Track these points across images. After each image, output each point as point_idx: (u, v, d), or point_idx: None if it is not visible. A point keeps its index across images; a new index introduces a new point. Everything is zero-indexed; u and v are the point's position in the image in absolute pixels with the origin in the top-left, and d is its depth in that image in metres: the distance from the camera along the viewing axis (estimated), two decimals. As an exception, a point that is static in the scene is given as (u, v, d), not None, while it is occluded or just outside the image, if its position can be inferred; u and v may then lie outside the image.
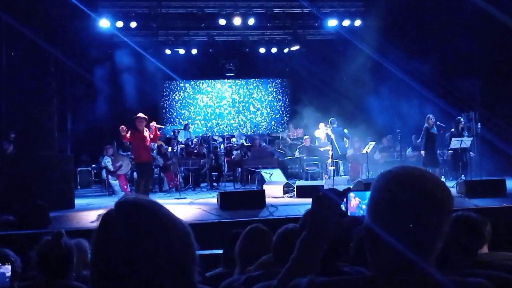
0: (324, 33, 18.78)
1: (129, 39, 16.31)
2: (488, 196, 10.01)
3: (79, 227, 8.35)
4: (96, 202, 12.35)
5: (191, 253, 1.43)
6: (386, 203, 1.45)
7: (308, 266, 1.66)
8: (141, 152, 11.13)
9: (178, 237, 1.41)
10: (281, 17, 17.70)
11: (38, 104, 11.02)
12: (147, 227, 1.37)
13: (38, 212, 8.46)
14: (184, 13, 16.96)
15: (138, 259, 1.33)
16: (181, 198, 12.16)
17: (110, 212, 1.42)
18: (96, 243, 1.40)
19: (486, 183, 10.83)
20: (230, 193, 10.81)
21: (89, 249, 4.10)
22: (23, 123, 11.14)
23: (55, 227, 8.16)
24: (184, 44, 18.24)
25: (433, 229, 1.42)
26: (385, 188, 1.46)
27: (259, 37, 18.93)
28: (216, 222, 8.65)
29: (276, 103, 22.05)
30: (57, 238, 3.17)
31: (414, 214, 1.40)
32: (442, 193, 1.44)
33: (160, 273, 1.35)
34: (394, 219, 1.42)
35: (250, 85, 21.87)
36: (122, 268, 1.33)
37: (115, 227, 1.38)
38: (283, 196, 11.77)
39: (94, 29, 15.80)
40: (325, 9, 16.68)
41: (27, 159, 10.60)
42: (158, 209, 1.44)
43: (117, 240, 1.35)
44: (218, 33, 18.29)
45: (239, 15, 16.49)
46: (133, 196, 1.46)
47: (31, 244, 3.29)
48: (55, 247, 3.15)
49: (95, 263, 1.40)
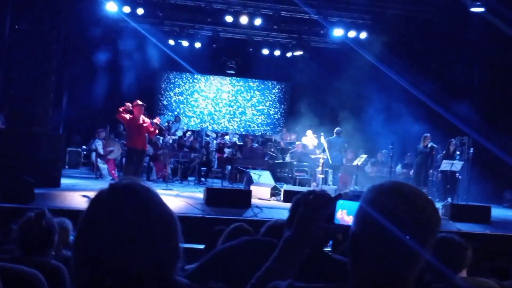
0: (328, 42, 18.80)
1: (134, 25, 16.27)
2: (472, 222, 10.08)
3: (62, 206, 8.33)
4: (83, 183, 12.31)
5: (174, 247, 1.43)
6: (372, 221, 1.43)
7: (288, 267, 1.65)
8: (134, 138, 11.11)
9: (164, 229, 1.40)
10: (288, 21, 17.70)
11: (36, 79, 10.99)
12: (135, 213, 1.37)
13: (23, 187, 8.44)
14: (191, 6, 16.93)
15: (119, 244, 1.33)
16: (167, 189, 12.15)
17: (102, 192, 1.42)
18: (83, 220, 1.39)
19: (472, 208, 10.90)
20: (217, 190, 10.82)
21: (71, 229, 4.12)
22: (19, 97, 11.10)
23: (38, 203, 8.14)
24: (189, 36, 18.21)
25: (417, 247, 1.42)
26: (375, 201, 1.45)
27: (264, 38, 18.93)
28: (200, 217, 8.66)
29: (273, 105, 22.06)
30: (40, 216, 3.17)
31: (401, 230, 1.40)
32: (431, 212, 1.43)
33: (139, 261, 1.34)
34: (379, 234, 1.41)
35: (249, 85, 21.87)
36: (102, 251, 1.33)
37: (103, 208, 1.38)
38: (269, 198, 11.77)
39: (100, 11, 15.75)
40: (333, 18, 16.69)
41: (18, 133, 10.56)
42: (150, 197, 1.43)
43: (102, 221, 1.35)
44: (223, 29, 18.28)
45: (247, 14, 16.48)
46: (129, 180, 1.45)
47: (12, 218, 3.29)
48: (36, 225, 3.14)
49: (79, 240, 1.39)
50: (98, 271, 1.33)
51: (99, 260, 1.33)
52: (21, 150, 10.16)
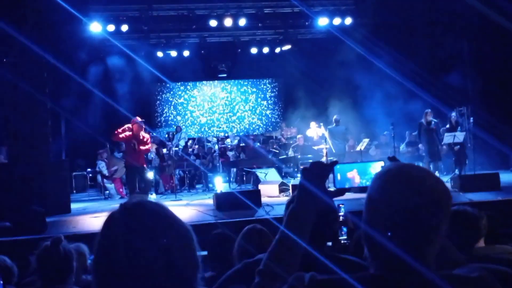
0: (315, 32, 18.78)
1: (121, 42, 16.24)
2: (482, 190, 10.08)
3: (76, 231, 8.34)
4: (92, 206, 12.35)
5: (192, 258, 1.44)
6: (384, 203, 1.45)
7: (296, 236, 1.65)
8: (135, 156, 11.09)
9: (180, 242, 1.41)
10: (271, 17, 17.69)
11: (31, 110, 10.99)
12: (148, 230, 1.38)
13: (35, 218, 8.45)
14: (175, 16, 16.95)
15: (138, 262, 1.34)
16: (177, 199, 12.17)
17: (114, 213, 1.43)
18: (99, 243, 1.40)
19: (480, 177, 10.90)
20: (226, 194, 10.82)
21: (88, 253, 4.13)
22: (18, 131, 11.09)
23: (52, 232, 8.16)
24: (176, 46, 18.20)
25: (432, 230, 1.42)
26: (383, 188, 1.46)
27: (251, 38, 18.93)
28: (213, 223, 8.66)
29: (269, 103, 22.05)
30: (56, 243, 3.18)
31: (412, 215, 1.40)
32: (441, 193, 1.43)
33: (160, 277, 1.35)
34: (392, 219, 1.42)
35: (242, 86, 21.87)
36: (123, 271, 1.34)
37: (117, 229, 1.38)
38: (278, 195, 11.79)
39: (85, 33, 15.75)
40: (316, 8, 16.69)
41: (22, 165, 10.56)
42: (162, 213, 1.44)
43: (119, 242, 1.36)
44: (210, 34, 18.27)
45: (230, 16, 16.49)
46: (138, 198, 1.46)
47: (28, 250, 3.30)
48: (54, 253, 3.15)
49: (97, 264, 1.40)
50: None
51: (120, 281, 1.34)
52: (27, 182, 10.16)
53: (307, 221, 1.67)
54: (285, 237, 1.66)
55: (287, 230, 1.66)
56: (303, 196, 1.69)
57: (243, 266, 2.84)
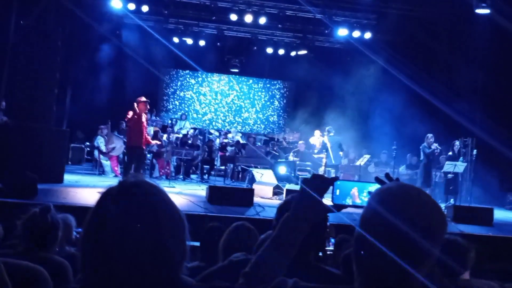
0: (333, 41, 18.81)
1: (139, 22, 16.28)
2: (475, 223, 10.06)
3: (65, 202, 8.32)
4: (85, 180, 12.35)
5: (181, 246, 1.43)
6: (379, 221, 1.43)
7: (286, 247, 1.64)
8: (134, 136, 11.02)
9: (172, 227, 1.41)
10: (292, 20, 17.70)
11: (40, 75, 10.99)
12: (143, 211, 1.37)
13: (26, 183, 8.44)
14: (196, 4, 16.95)
15: (128, 241, 1.33)
16: (170, 186, 12.16)
17: (111, 189, 1.42)
18: (91, 217, 1.40)
19: (474, 210, 10.87)
20: (220, 188, 10.81)
21: (74, 225, 4.12)
22: (23, 93, 11.10)
23: (41, 199, 8.14)
24: (193, 34, 18.21)
25: (423, 254, 1.41)
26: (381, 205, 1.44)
27: (268, 37, 18.93)
28: (202, 215, 8.65)
29: (276, 104, 22.07)
30: (45, 211, 3.17)
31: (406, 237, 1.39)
32: (437, 218, 1.42)
33: (147, 258, 1.34)
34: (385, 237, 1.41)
35: (252, 84, 21.87)
36: (111, 247, 1.33)
37: (112, 205, 1.37)
38: (271, 197, 11.77)
39: (105, 7, 15.74)
40: (337, 17, 16.69)
41: (22, 129, 10.56)
42: (158, 195, 1.43)
43: (111, 218, 1.35)
44: (228, 28, 18.29)
45: (251, 13, 16.49)
46: (138, 178, 1.45)
47: (14, 213, 3.29)
48: (41, 220, 3.14)
49: (86, 238, 1.39)
50: (106, 267, 1.34)
51: (108, 256, 1.33)
52: (25, 145, 10.17)
53: (300, 232, 1.66)
54: (275, 243, 1.65)
55: (278, 237, 1.65)
56: (300, 208, 1.68)
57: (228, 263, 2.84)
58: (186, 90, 21.41)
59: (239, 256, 2.95)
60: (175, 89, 21.36)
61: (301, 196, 1.70)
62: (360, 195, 1.77)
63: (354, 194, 1.76)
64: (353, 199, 1.75)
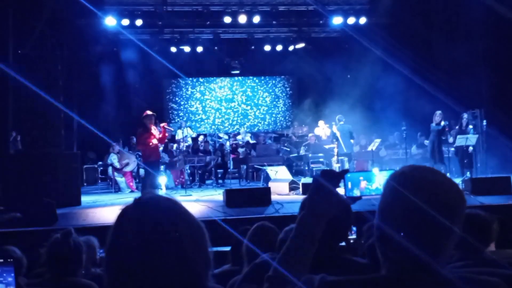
0: (329, 31, 18.76)
1: (135, 37, 16.30)
2: (494, 194, 10.01)
3: (86, 224, 8.37)
4: (103, 199, 12.40)
5: (204, 255, 1.44)
6: (398, 205, 1.44)
7: (306, 243, 1.64)
8: (149, 151, 10.99)
9: (193, 238, 1.41)
10: (286, 15, 17.68)
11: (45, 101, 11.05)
12: (161, 226, 1.38)
13: (45, 209, 8.49)
14: (189, 11, 16.98)
15: (151, 257, 1.34)
16: (186, 195, 12.19)
17: (127, 207, 1.43)
18: (112, 237, 1.40)
19: (492, 181, 10.81)
20: (236, 190, 10.82)
21: (97, 246, 4.15)
22: (30, 121, 11.18)
23: (62, 224, 8.19)
24: (190, 42, 18.22)
25: (445, 232, 1.42)
26: (397, 190, 1.45)
27: (264, 35, 18.92)
28: (222, 219, 8.66)
29: (281, 100, 22.06)
30: (67, 236, 3.20)
31: (426, 217, 1.39)
32: (455, 196, 1.43)
33: (172, 272, 1.35)
34: (405, 221, 1.41)
35: (255, 83, 21.87)
36: (135, 265, 1.34)
37: (130, 223, 1.39)
38: (288, 193, 11.77)
39: (100, 26, 15.80)
40: (330, 6, 16.66)
41: (34, 156, 10.65)
42: (175, 208, 1.44)
43: (132, 236, 1.36)
44: (224, 30, 18.30)
45: (244, 13, 16.48)
46: (152, 194, 1.47)
47: (38, 241, 3.32)
48: (64, 245, 3.17)
49: (110, 258, 1.41)
50: (132, 285, 1.35)
51: (132, 275, 1.34)
52: (39, 172, 10.24)
53: (317, 229, 1.66)
54: (294, 243, 1.65)
55: (296, 237, 1.66)
56: (313, 205, 1.68)
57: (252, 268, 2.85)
58: (190, 98, 21.43)
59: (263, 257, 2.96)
60: (179, 98, 21.39)
61: (313, 192, 1.70)
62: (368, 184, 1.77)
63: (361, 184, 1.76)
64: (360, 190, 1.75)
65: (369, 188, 1.76)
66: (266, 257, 2.90)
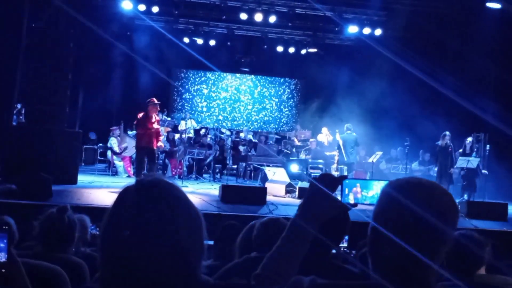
0: (343, 39, 18.76)
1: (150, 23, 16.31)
2: (489, 219, 9.99)
3: (80, 203, 8.39)
4: (99, 180, 12.42)
5: (200, 243, 1.44)
6: (391, 213, 1.45)
7: (296, 246, 1.64)
8: (143, 137, 10.95)
9: (191, 225, 1.42)
10: (302, 18, 17.67)
11: (53, 78, 11.08)
12: (161, 210, 1.37)
13: (41, 184, 8.51)
14: (206, 3, 16.95)
15: (146, 239, 1.34)
16: (183, 186, 12.14)
17: (129, 187, 1.43)
18: (109, 216, 1.40)
19: (488, 206, 10.80)
20: (233, 187, 10.83)
21: (89, 225, 4.15)
22: (36, 95, 11.20)
23: (56, 200, 8.21)
24: (203, 34, 18.22)
25: (438, 241, 1.43)
26: (393, 196, 1.46)
27: (278, 36, 18.91)
28: (216, 214, 8.68)
29: (287, 103, 22.05)
30: (62, 211, 3.20)
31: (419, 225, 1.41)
32: (448, 205, 1.45)
33: (165, 257, 1.35)
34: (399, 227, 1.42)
35: (263, 82, 21.87)
36: (129, 246, 1.34)
37: (130, 204, 1.38)
38: (284, 195, 11.78)
39: (116, 8, 15.80)
40: (347, 15, 16.64)
41: (36, 131, 10.66)
42: (176, 193, 1.44)
43: (129, 217, 1.36)
44: (238, 27, 18.28)
45: (261, 12, 16.47)
46: (156, 176, 1.46)
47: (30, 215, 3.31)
48: (58, 221, 3.17)
49: (105, 237, 1.40)
50: (125, 266, 1.34)
51: (126, 256, 1.34)
52: (39, 147, 10.26)
53: (309, 231, 1.65)
54: (284, 245, 1.65)
55: (287, 237, 1.65)
56: (308, 207, 1.68)
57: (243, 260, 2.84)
58: (197, 90, 21.44)
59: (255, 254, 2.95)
60: (186, 89, 21.39)
61: (309, 195, 1.69)
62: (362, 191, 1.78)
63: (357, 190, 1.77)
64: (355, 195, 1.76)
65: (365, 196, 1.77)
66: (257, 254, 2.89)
